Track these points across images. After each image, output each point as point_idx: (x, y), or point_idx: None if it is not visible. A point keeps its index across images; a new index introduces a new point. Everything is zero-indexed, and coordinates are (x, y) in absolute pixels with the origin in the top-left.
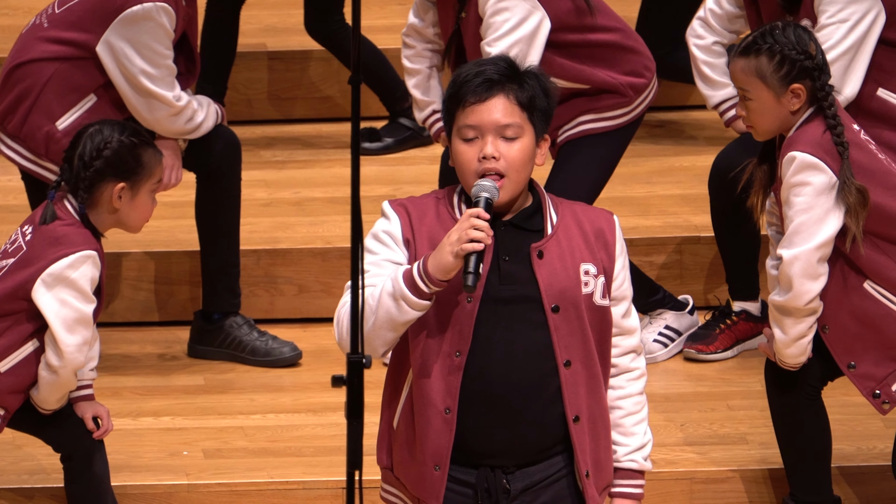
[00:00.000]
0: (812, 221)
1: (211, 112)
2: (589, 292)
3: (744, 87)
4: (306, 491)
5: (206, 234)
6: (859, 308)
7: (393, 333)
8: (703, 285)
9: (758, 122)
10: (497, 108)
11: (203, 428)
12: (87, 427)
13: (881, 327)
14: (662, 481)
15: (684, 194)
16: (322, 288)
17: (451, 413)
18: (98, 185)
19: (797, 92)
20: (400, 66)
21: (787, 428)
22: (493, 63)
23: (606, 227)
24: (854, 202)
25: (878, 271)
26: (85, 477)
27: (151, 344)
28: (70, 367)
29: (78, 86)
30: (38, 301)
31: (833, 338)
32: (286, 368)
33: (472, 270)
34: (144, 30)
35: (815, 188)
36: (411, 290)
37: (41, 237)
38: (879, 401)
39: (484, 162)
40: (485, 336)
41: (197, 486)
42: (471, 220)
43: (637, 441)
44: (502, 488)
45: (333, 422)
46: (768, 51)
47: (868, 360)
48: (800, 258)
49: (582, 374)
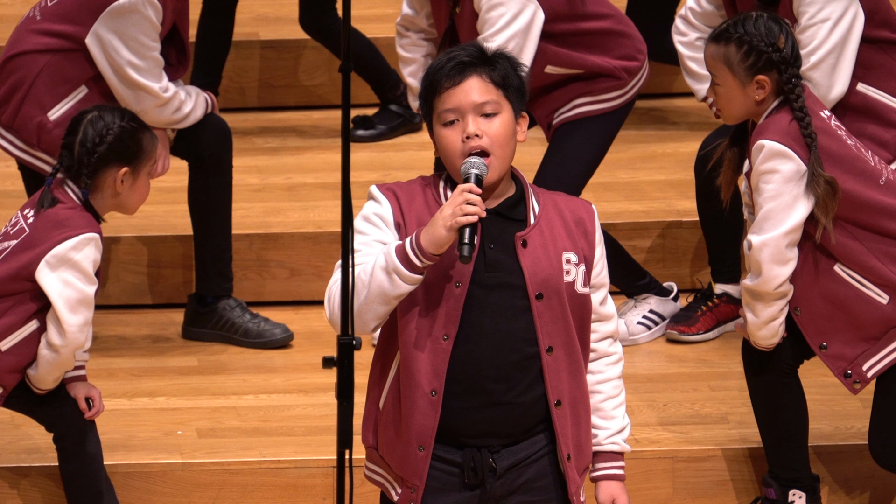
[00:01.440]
0: (780, 208)
1: (200, 102)
2: (571, 280)
3: (712, 71)
4: (298, 469)
5: (198, 220)
6: (830, 290)
7: (385, 307)
8: (685, 269)
9: (724, 107)
10: (473, 88)
11: (197, 408)
12: (79, 407)
13: (851, 309)
14: (645, 460)
15: (668, 180)
16: (313, 271)
17: (437, 395)
18: (102, 171)
19: (762, 83)
20: (390, 55)
21: (765, 407)
22: (462, 49)
23: (586, 217)
24: (823, 193)
25: (849, 256)
26: (78, 457)
27: (146, 326)
28: (71, 346)
29: (69, 77)
30: (42, 281)
31: (805, 319)
32: (278, 350)
33: (467, 241)
34: (131, 22)
35: (784, 175)
36: (404, 263)
37: (44, 220)
38: (851, 380)
39: (468, 141)
40: (471, 321)
41: (191, 464)
42: (464, 195)
43: (617, 424)
44: (488, 467)
45: (324, 402)
46: (737, 40)
47: (839, 341)
48: (768, 244)
49: (563, 360)
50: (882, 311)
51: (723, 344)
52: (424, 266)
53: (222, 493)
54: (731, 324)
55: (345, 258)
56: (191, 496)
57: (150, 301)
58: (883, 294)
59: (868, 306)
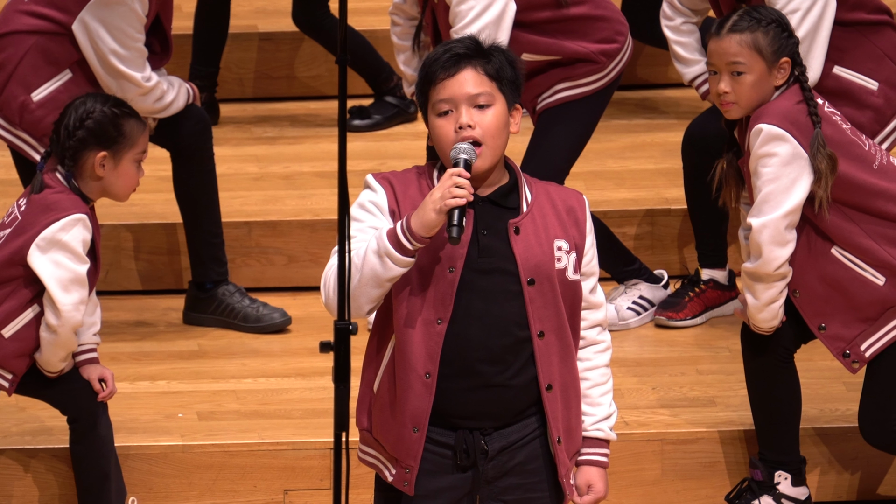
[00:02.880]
0: (779, 190)
1: (182, 92)
2: (562, 267)
3: (739, 59)
4: (295, 451)
5: (186, 210)
6: (828, 273)
7: (378, 290)
8: (673, 255)
9: (746, 95)
10: (467, 80)
11: (197, 391)
12: (93, 389)
13: (849, 290)
14: (635, 442)
15: (657, 168)
16: (310, 258)
17: (432, 378)
18: (81, 154)
19: (784, 66)
20: (385, 47)
21: (761, 389)
22: (459, 41)
23: (577, 206)
24: (825, 168)
25: (845, 237)
26: (89, 438)
27: (148, 311)
28: (68, 325)
29: (54, 60)
30: (34, 264)
31: (804, 301)
32: (276, 334)
33: (455, 223)
34: (117, 13)
35: (782, 158)
36: (395, 247)
37: (33, 206)
38: (849, 360)
39: (461, 132)
40: (464, 305)
41: (191, 446)
42: (452, 179)
43: (603, 411)
44: (480, 449)
45: (321, 385)
46: (761, 27)
47: (837, 322)
48: (768, 226)
49: (555, 345)
50: (878, 292)
51: (710, 329)
52: (415, 249)
53: (222, 474)
54: (718, 309)
55: (341, 245)
56: (191, 477)
57: (153, 287)
58: (879, 275)
59: (865, 288)
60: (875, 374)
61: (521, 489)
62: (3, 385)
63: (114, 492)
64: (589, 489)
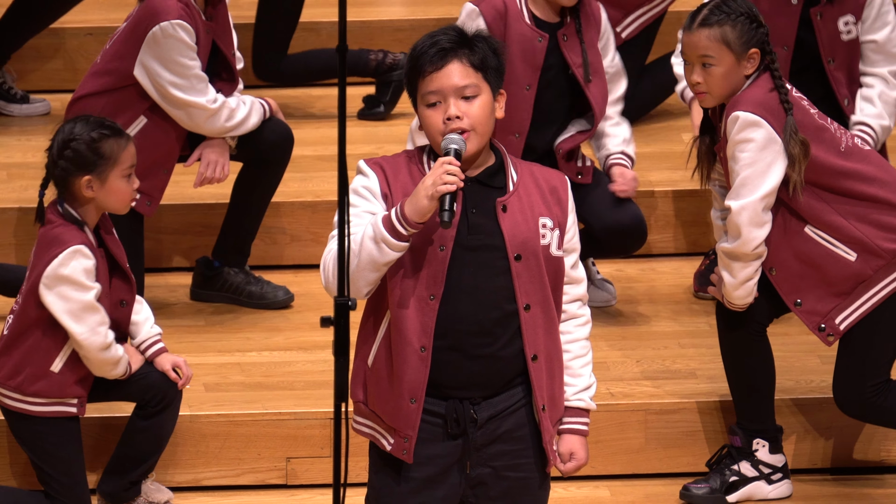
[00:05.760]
0: (756, 174)
1: (255, 108)
2: (546, 243)
3: (708, 53)
4: (297, 421)
5: (237, 202)
6: (802, 251)
7: (375, 274)
8: (657, 235)
9: (717, 86)
10: (454, 73)
11: (204, 364)
12: (169, 378)
13: (823, 266)
14: (620, 412)
15: (640, 152)
16: (312, 237)
17: (427, 351)
18: (68, 181)
19: (753, 56)
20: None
21: (736, 363)
22: (444, 33)
23: (560, 186)
24: (798, 153)
25: (817, 216)
26: (156, 420)
27: (158, 288)
28: (93, 349)
29: (126, 109)
30: (45, 302)
31: (780, 278)
32: (279, 310)
33: (447, 208)
34: (167, 47)
35: (758, 143)
36: (390, 232)
37: (40, 242)
38: (825, 334)
39: (449, 123)
40: (455, 280)
41: (198, 416)
42: (444, 167)
43: (583, 382)
44: (470, 418)
45: (322, 359)
46: (730, 20)
47: (812, 298)
48: (746, 208)
49: (540, 317)
50: (851, 268)
51: (691, 306)
52: (409, 234)
53: (227, 443)
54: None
55: (341, 226)
56: (198, 446)
57: (163, 265)
58: (850, 251)
59: (838, 264)
60: (847, 345)
61: (508, 455)
62: (72, 411)
63: (142, 471)
64: (571, 456)
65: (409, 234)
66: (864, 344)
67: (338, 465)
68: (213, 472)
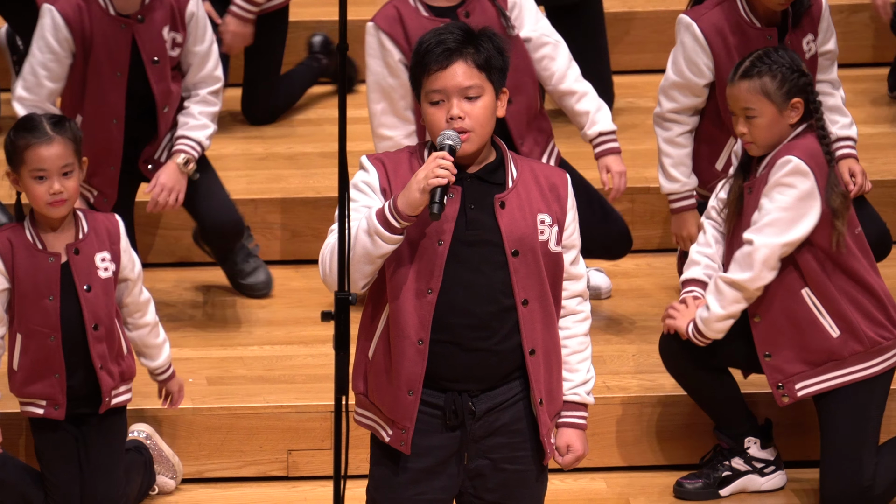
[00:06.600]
0: (787, 220)
1: None
2: (545, 240)
3: (749, 105)
4: (298, 414)
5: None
6: (792, 309)
7: (370, 266)
8: (652, 231)
9: (761, 136)
10: (458, 73)
11: (206, 358)
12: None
13: (805, 331)
14: (615, 405)
15: (635, 150)
16: (312, 233)
17: (424, 344)
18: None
19: (796, 106)
20: None
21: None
22: (450, 32)
23: (560, 183)
24: (839, 206)
25: (818, 283)
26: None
27: (160, 282)
28: None
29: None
30: None
31: (761, 327)
32: (281, 304)
33: (437, 201)
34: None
35: (800, 193)
36: (383, 225)
37: None
38: (780, 392)
39: (451, 122)
40: (453, 275)
41: (201, 409)
42: (436, 161)
43: (581, 377)
44: (468, 410)
45: (322, 352)
46: (770, 71)
47: (783, 356)
48: (767, 247)
49: (538, 312)
50: (830, 342)
51: None
52: (402, 227)
53: (230, 435)
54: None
55: (341, 221)
56: (200, 438)
57: (165, 260)
58: (836, 328)
59: (820, 334)
60: (832, 426)
61: (506, 448)
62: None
63: (145, 484)
64: (568, 449)
65: (402, 227)
66: (850, 421)
67: (338, 457)
68: (216, 465)
